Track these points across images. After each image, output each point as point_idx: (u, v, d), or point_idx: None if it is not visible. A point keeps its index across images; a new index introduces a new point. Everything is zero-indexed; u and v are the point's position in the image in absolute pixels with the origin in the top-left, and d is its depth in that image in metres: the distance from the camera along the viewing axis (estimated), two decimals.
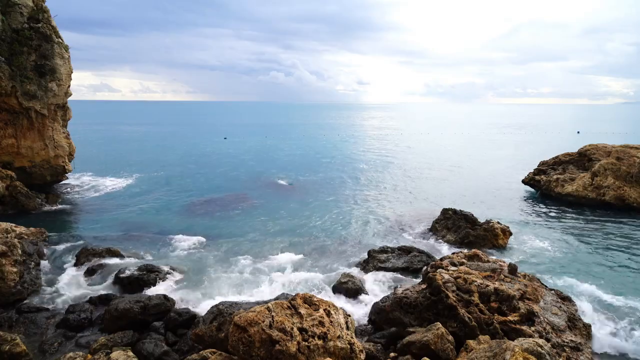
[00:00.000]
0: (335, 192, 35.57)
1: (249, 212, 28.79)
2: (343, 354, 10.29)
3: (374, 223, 26.74)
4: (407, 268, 18.70)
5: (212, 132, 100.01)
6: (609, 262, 20.38)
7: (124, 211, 28.78)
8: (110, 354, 11.28)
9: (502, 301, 13.23)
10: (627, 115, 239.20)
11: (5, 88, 28.28)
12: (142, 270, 17.88)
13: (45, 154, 31.78)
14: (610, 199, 28.82)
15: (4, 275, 15.90)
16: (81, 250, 19.69)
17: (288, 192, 35.31)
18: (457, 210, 23.93)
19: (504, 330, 12.36)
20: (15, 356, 11.81)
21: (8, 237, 17.76)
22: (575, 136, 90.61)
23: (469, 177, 42.62)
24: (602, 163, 30.26)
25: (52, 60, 30.44)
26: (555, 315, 13.41)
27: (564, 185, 31.88)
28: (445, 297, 13.27)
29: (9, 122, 30.03)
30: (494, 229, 22.06)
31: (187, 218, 27.41)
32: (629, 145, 31.97)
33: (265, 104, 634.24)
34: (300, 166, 48.78)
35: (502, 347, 9.95)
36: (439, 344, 11.54)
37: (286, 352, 9.71)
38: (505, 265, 15.79)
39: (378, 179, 41.30)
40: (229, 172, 44.72)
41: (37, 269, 17.82)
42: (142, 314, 14.34)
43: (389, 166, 49.48)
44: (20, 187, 27.70)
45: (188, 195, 33.52)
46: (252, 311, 10.52)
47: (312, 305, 11.15)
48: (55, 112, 32.29)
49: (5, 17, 28.52)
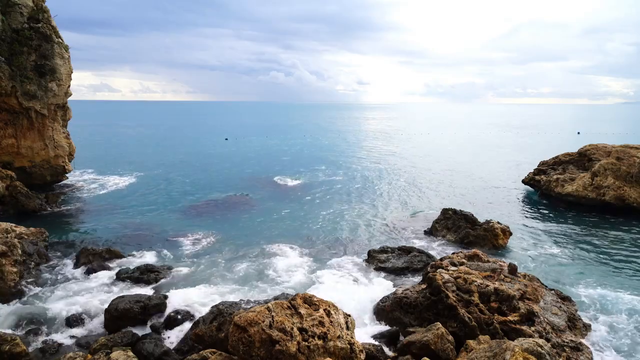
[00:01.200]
0: (335, 192, 35.58)
1: (249, 213, 28.80)
2: (343, 354, 10.29)
3: (374, 223, 26.75)
4: (407, 268, 18.70)
5: (213, 132, 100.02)
6: (609, 262, 20.38)
7: (124, 211, 28.78)
8: (110, 354, 11.27)
9: (502, 301, 13.23)
10: (627, 115, 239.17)
11: (5, 88, 28.29)
12: (142, 270, 17.91)
13: (45, 154, 31.79)
14: (610, 199, 28.80)
15: (4, 275, 15.90)
16: (81, 250, 19.70)
17: (288, 192, 35.31)
18: (457, 210, 23.93)
19: (504, 330, 12.36)
20: (15, 356, 11.80)
21: (8, 237, 17.77)
22: (575, 136, 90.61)
23: (469, 177, 42.62)
24: (602, 163, 30.25)
25: (52, 60, 30.45)
26: (555, 315, 13.41)
27: (564, 185, 31.87)
28: (445, 297, 13.27)
29: (9, 122, 30.04)
30: (494, 229, 22.06)
31: (187, 218, 27.42)
32: (629, 145, 31.95)
33: (266, 104, 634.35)
34: (301, 166, 48.78)
35: (502, 347, 9.95)
36: (439, 344, 11.53)
37: (286, 352, 9.71)
38: (505, 265, 15.78)
39: (378, 179, 41.30)
40: (230, 172, 44.72)
41: (37, 269, 17.84)
42: (142, 314, 14.35)
43: (389, 166, 49.48)
44: (20, 187, 27.69)
45: (188, 196, 33.53)
46: (252, 311, 10.51)
47: (312, 305, 11.14)
48: (55, 112, 32.30)
49: (5, 17, 28.53)
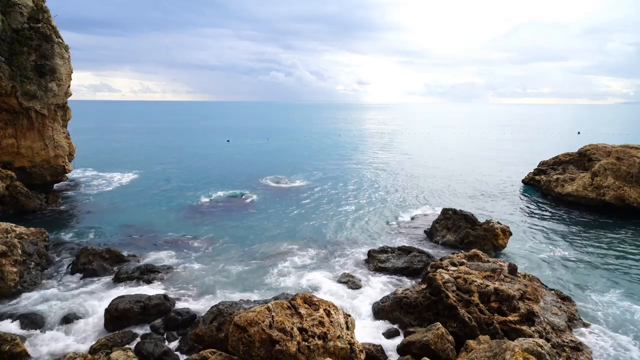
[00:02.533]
0: (335, 192, 35.58)
1: (249, 213, 28.80)
2: (343, 354, 10.29)
3: (374, 223, 26.74)
4: (407, 268, 18.69)
5: (213, 132, 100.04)
6: (609, 262, 20.38)
7: (124, 211, 28.77)
8: (110, 354, 11.27)
9: (502, 301, 13.22)
10: (627, 115, 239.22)
11: (5, 88, 28.28)
12: (142, 270, 17.91)
13: (45, 154, 31.78)
14: (610, 199, 28.80)
15: (4, 275, 15.90)
16: (81, 250, 19.68)
17: (288, 193, 35.31)
18: (457, 210, 23.92)
19: (504, 330, 12.35)
20: (15, 356, 11.80)
21: (8, 237, 17.76)
22: (575, 136, 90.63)
23: (469, 177, 42.62)
24: (602, 163, 30.25)
25: (52, 60, 30.45)
26: (555, 315, 13.41)
27: (564, 185, 31.87)
28: (445, 297, 13.26)
29: (9, 122, 30.03)
30: (494, 229, 22.05)
31: (187, 218, 27.41)
32: (629, 145, 31.97)
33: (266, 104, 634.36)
34: (301, 167, 48.79)
35: (502, 347, 9.94)
36: (439, 344, 11.53)
37: (286, 352, 9.71)
38: (505, 265, 15.78)
39: (378, 179, 41.30)
40: (230, 172, 44.73)
41: (37, 269, 17.83)
42: (142, 314, 14.35)
43: (390, 166, 49.50)
44: (20, 187, 27.69)
45: (188, 196, 33.52)
46: (252, 311, 10.51)
47: (312, 305, 11.14)
48: (55, 112, 32.30)
49: (5, 17, 28.52)
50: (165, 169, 45.87)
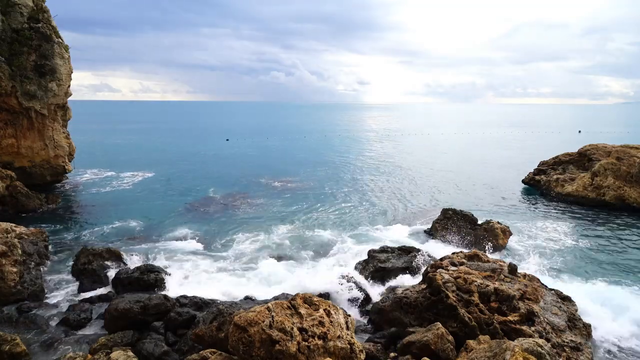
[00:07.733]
0: (335, 192, 35.58)
1: (249, 213, 28.80)
2: (343, 354, 10.28)
3: (373, 223, 26.74)
4: (407, 268, 18.68)
5: (214, 132, 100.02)
6: (609, 262, 20.38)
7: (124, 211, 28.75)
8: (110, 354, 11.26)
9: (502, 301, 13.22)
10: (627, 115, 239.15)
11: (5, 88, 28.29)
12: (142, 270, 17.87)
13: (45, 154, 31.79)
14: (610, 199, 28.80)
15: (4, 275, 15.90)
16: (81, 250, 19.66)
17: (289, 193, 35.30)
18: (457, 210, 23.92)
19: (504, 330, 12.34)
20: (15, 356, 11.79)
21: (8, 237, 17.76)
22: (575, 136, 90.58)
23: (469, 176, 42.61)
24: (602, 163, 30.24)
25: (52, 60, 30.45)
26: (555, 315, 13.40)
27: (564, 185, 31.87)
28: (445, 297, 13.25)
29: (9, 122, 30.04)
30: (494, 229, 22.05)
31: (187, 218, 27.41)
32: (629, 145, 31.96)
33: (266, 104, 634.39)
34: (301, 167, 48.79)
35: (502, 347, 9.94)
36: (439, 344, 11.52)
37: (286, 352, 9.70)
38: (505, 265, 15.76)
39: (378, 179, 41.30)
40: (230, 172, 44.73)
41: (37, 269, 17.81)
42: (142, 314, 14.33)
43: (389, 166, 49.49)
44: (20, 187, 27.69)
45: (188, 196, 33.54)
46: (252, 311, 10.50)
47: (312, 305, 11.13)
48: (55, 112, 32.30)
49: (5, 17, 28.52)
50: (165, 168, 45.87)
